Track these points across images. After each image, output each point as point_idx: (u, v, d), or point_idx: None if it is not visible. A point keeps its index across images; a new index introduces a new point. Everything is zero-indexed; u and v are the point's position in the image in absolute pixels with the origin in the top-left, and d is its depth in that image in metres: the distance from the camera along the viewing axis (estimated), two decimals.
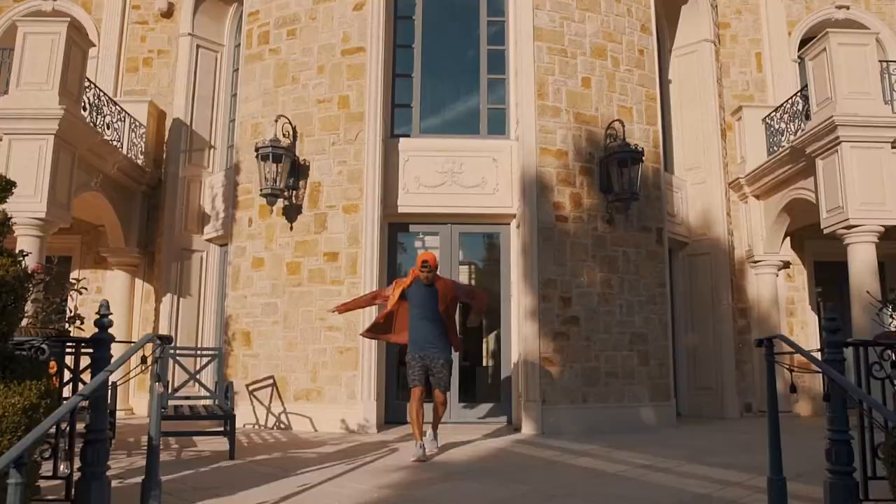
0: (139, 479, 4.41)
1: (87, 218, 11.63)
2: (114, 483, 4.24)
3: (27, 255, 4.38)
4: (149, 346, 4.33)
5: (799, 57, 11.90)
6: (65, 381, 4.15)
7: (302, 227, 9.21)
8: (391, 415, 9.25)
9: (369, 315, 8.72)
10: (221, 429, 7.15)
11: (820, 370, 4.06)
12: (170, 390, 7.43)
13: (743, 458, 6.43)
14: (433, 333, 6.74)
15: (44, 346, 3.98)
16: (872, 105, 9.25)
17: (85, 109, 9.89)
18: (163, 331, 10.77)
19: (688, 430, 9.18)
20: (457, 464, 6.33)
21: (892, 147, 9.21)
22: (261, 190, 9.04)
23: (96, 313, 4.10)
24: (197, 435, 7.57)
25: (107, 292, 11.55)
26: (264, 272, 9.32)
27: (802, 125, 10.35)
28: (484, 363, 10.42)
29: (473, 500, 4.71)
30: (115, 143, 10.67)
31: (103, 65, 12.49)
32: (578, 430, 8.57)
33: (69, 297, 5.00)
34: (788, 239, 11.92)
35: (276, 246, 9.30)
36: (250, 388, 9.05)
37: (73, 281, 4.80)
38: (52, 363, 4.18)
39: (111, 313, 4.16)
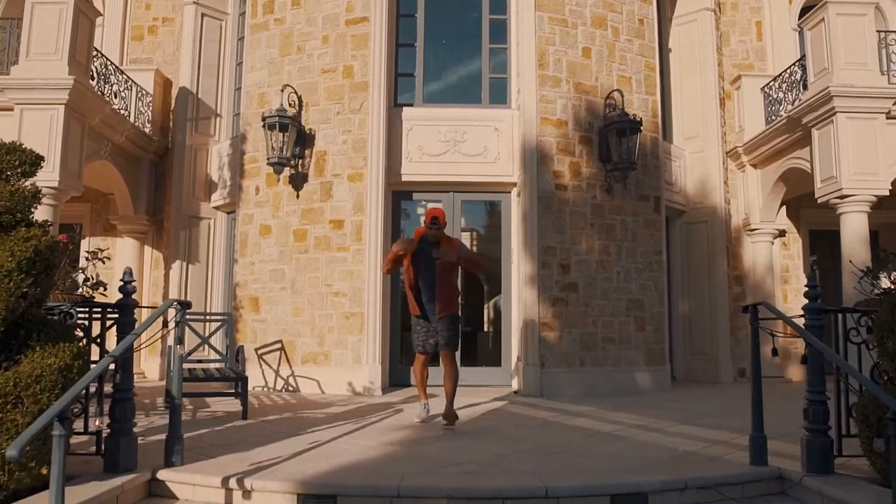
0: (160, 437, 4.73)
1: (96, 186, 11.85)
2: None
3: (51, 224, 4.63)
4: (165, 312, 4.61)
5: (798, 26, 11.95)
6: (92, 344, 4.42)
7: (308, 195, 9.44)
8: (395, 378, 9.57)
9: (374, 284, 9.00)
10: (232, 391, 7.48)
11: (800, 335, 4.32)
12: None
13: (732, 420, 6.74)
14: (438, 294, 6.40)
15: (72, 310, 4.25)
16: (869, 76, 9.38)
17: (93, 79, 10.03)
18: (172, 297, 11.06)
19: (682, 393, 9.50)
20: (459, 423, 6.63)
21: (887, 118, 9.37)
22: (268, 159, 9.24)
23: (121, 280, 4.37)
24: (209, 396, 7.90)
25: (117, 259, 11.77)
26: (272, 239, 9.57)
27: (800, 95, 10.49)
28: (485, 328, 10.71)
29: (474, 454, 5.01)
30: (122, 111, 10.84)
31: (108, 33, 12.58)
32: (576, 392, 8.90)
33: (91, 265, 5.25)
34: (784, 207, 12.12)
35: (283, 214, 9.54)
36: (259, 352, 9.36)
37: (98, 250, 5.05)
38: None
39: (134, 280, 4.42)
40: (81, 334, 4.27)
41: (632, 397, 8.82)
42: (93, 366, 4.07)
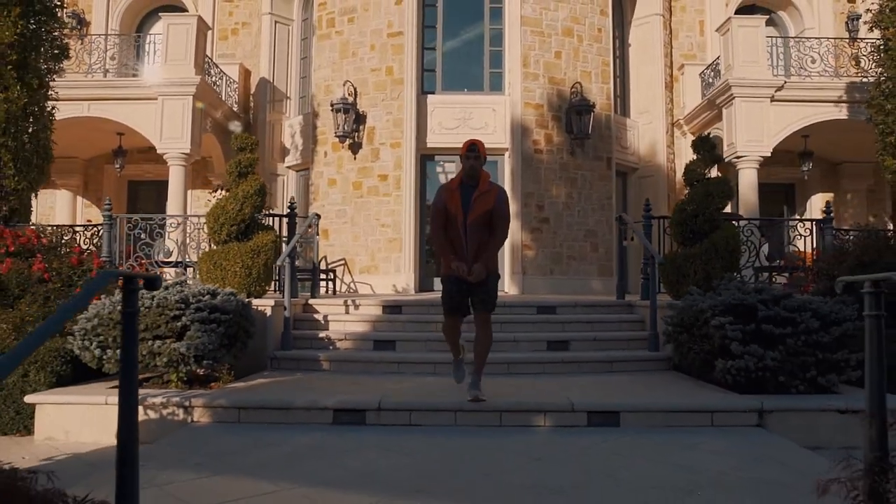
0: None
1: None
2: None
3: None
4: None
5: (717, 30, 15.72)
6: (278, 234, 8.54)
7: (362, 157, 13.50)
8: (422, 284, 13.62)
9: (409, 218, 13.07)
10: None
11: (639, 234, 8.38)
12: None
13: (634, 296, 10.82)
14: (471, 252, 5.47)
15: (264, 217, 8.40)
16: (759, 70, 13.24)
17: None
18: None
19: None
20: None
21: (771, 101, 13.25)
22: (335, 133, 13.28)
23: (289, 201, 8.49)
24: (316, 281, 11.86)
25: None
26: (337, 188, 13.67)
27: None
28: None
29: None
30: (219, 96, 14.89)
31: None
32: (546, 292, 12.97)
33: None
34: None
35: (344, 171, 13.62)
36: (329, 266, 13.50)
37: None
38: None
39: (296, 203, 8.55)
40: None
41: (585, 295, 12.88)
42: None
